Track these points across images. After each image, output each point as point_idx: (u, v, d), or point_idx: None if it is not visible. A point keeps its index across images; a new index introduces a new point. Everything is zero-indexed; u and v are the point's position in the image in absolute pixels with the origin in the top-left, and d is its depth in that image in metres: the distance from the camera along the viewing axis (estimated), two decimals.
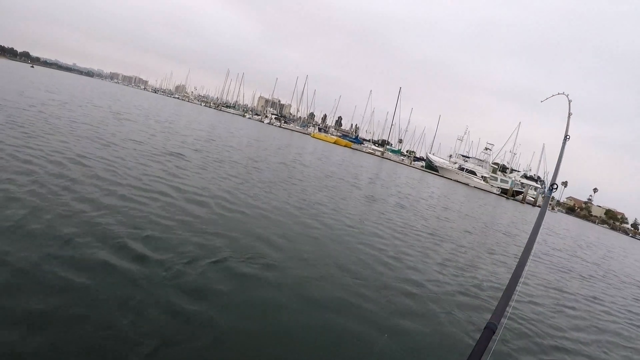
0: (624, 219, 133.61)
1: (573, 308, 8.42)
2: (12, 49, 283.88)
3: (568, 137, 4.10)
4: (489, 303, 6.89)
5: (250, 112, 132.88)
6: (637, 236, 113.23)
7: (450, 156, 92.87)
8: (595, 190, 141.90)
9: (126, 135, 15.30)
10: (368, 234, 9.73)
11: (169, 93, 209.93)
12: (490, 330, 1.39)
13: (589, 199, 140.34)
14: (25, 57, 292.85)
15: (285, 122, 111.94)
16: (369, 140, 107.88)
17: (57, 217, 5.66)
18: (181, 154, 14.10)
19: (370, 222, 11.33)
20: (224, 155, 17.11)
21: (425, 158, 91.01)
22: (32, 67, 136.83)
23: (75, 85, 52.12)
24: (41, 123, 13.07)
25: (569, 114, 4.83)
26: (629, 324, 8.68)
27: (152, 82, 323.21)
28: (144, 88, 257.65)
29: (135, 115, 26.00)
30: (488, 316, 4.84)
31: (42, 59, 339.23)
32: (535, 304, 7.78)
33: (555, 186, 2.90)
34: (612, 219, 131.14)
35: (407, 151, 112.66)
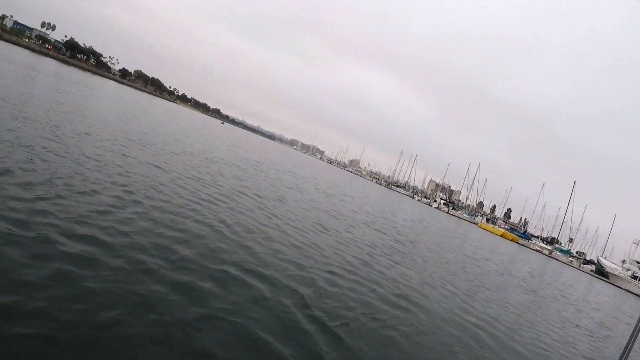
0: None
1: None
2: (205, 104, 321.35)
3: None
4: None
5: (420, 194, 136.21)
6: None
7: (624, 262, 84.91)
8: None
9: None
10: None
11: (342, 166, 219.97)
12: None
13: None
14: (216, 113, 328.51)
15: (453, 208, 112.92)
16: (537, 237, 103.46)
17: None
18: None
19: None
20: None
21: (595, 262, 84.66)
22: (222, 123, 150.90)
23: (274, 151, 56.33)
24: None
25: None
26: None
27: (328, 152, 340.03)
28: (320, 157, 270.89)
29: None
30: None
31: (230, 117, 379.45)
32: None
33: None
34: None
35: (576, 252, 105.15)
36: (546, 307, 15.87)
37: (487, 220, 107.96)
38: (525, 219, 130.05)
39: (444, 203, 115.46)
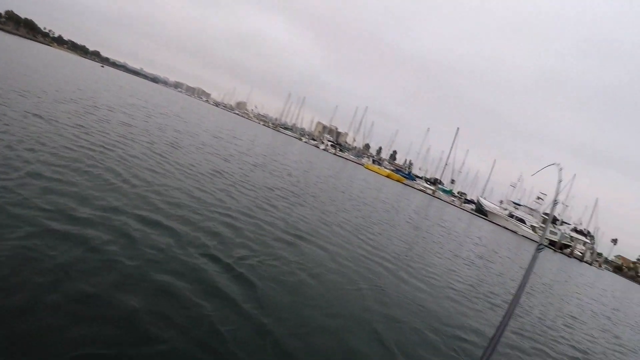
0: None
1: None
2: (84, 46, 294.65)
3: (557, 201, 4.56)
4: None
5: (307, 137, 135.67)
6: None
7: (501, 202, 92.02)
8: None
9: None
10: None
11: (229, 108, 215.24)
12: None
13: (638, 259, 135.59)
14: (95, 55, 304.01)
15: (340, 149, 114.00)
16: (421, 178, 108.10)
17: None
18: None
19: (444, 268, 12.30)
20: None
21: (476, 201, 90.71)
22: (102, 66, 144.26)
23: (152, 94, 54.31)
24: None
25: (559, 181, 5.78)
26: None
27: (215, 95, 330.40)
28: (206, 100, 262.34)
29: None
30: None
31: (111, 60, 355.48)
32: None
33: (541, 246, 2.83)
34: None
35: (458, 192, 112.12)
36: (432, 241, 17.54)
37: (374, 161, 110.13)
38: (410, 160, 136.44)
39: (331, 145, 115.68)
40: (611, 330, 13.98)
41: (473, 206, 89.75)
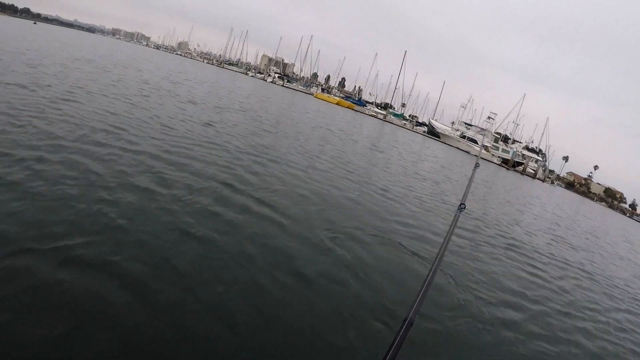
0: (622, 199, 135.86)
1: None
2: (12, 5, 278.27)
3: (478, 165, 4.84)
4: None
5: (253, 71, 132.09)
6: (635, 217, 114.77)
7: (453, 123, 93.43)
8: (595, 167, 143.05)
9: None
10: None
11: (171, 50, 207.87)
12: (409, 323, 1.50)
13: (589, 176, 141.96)
14: (26, 13, 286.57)
15: (288, 81, 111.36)
16: (371, 103, 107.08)
17: None
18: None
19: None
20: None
21: (427, 123, 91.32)
22: (35, 23, 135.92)
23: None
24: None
25: (482, 146, 5.22)
26: None
27: (155, 38, 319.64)
28: (147, 44, 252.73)
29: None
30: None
31: (42, 15, 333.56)
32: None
33: (463, 206, 2.86)
34: (611, 198, 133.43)
35: (409, 115, 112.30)
36: (385, 161, 18.60)
37: (323, 90, 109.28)
38: (360, 87, 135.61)
39: (278, 77, 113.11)
40: (551, 228, 16.18)
41: (425, 129, 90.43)
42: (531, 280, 7.72)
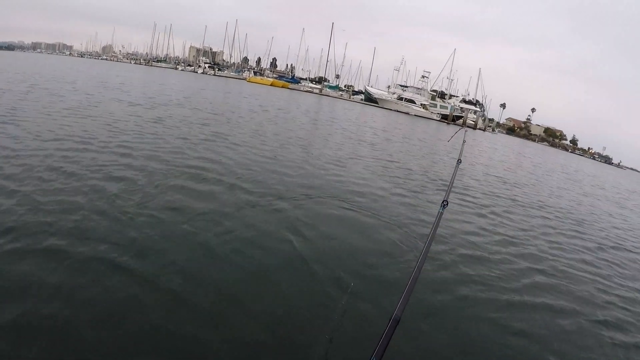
0: (562, 136, 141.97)
1: None
2: None
3: (460, 160, 5.14)
4: None
5: (183, 64, 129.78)
6: (577, 152, 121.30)
7: (389, 87, 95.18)
8: (533, 110, 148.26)
9: None
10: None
11: (96, 55, 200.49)
12: (396, 321, 1.49)
13: (528, 119, 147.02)
14: None
15: (219, 69, 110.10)
16: (305, 79, 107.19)
17: None
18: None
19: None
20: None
21: (363, 91, 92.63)
22: None
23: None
24: None
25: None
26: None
27: (78, 46, 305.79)
28: (69, 54, 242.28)
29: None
30: None
31: None
32: None
33: (445, 203, 2.92)
34: (552, 137, 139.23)
35: (345, 86, 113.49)
36: (334, 130, 20.25)
37: (255, 73, 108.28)
38: (292, 64, 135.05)
39: (209, 67, 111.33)
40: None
41: (362, 96, 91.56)
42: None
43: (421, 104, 76.33)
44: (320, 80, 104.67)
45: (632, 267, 7.66)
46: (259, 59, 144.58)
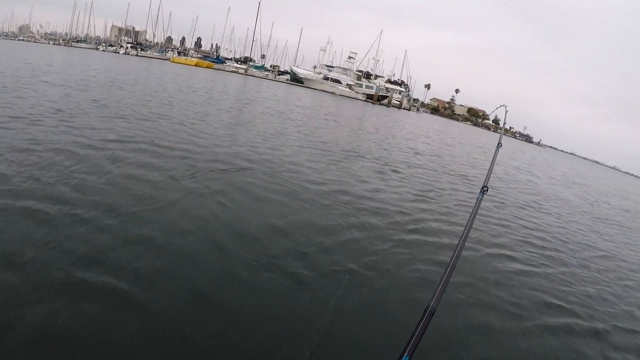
0: (485, 116, 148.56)
1: None
2: None
3: (500, 144, 4.89)
4: None
5: (104, 44, 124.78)
6: (499, 131, 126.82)
7: (315, 67, 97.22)
8: (457, 90, 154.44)
9: None
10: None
11: (12, 36, 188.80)
12: (431, 313, 1.48)
13: (452, 99, 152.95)
14: None
15: (142, 49, 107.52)
16: (231, 59, 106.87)
17: None
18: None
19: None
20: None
21: (289, 71, 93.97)
22: None
23: None
24: None
25: (504, 124, 6.00)
26: None
27: None
28: None
29: None
30: None
31: None
32: None
33: (486, 189, 2.95)
34: (475, 116, 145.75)
35: (271, 66, 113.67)
36: (263, 116, 19.34)
37: (179, 53, 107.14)
38: (217, 44, 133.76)
39: (131, 47, 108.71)
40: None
41: (288, 77, 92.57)
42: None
43: (347, 84, 78.48)
44: (245, 60, 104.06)
45: None
46: (183, 38, 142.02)
